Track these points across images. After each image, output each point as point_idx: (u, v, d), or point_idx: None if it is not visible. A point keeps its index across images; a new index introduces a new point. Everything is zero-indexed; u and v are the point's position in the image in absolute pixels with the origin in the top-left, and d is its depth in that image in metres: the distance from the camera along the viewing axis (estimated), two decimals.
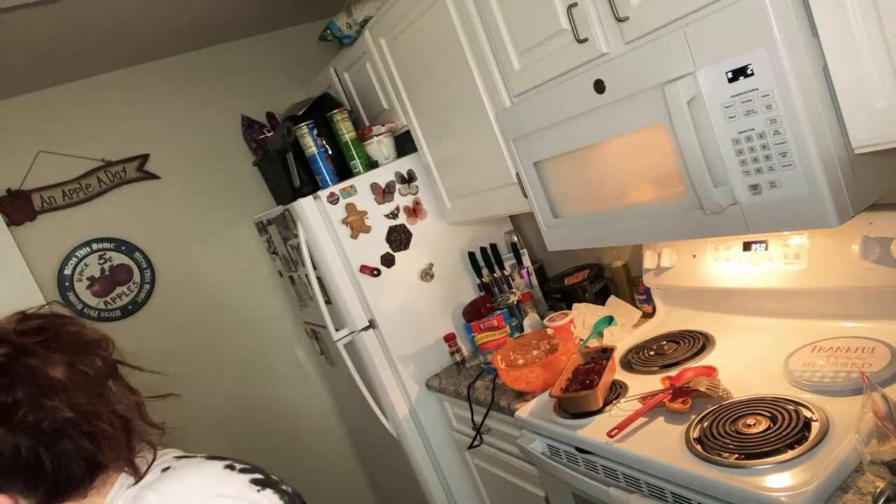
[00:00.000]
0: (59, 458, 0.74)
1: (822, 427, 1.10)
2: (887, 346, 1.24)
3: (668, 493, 1.21)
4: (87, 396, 0.75)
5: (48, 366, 0.74)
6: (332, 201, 2.15)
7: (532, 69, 1.58)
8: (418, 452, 2.30)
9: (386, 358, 2.24)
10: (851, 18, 0.94)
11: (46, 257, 2.52)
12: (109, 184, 2.64)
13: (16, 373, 0.72)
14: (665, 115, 1.18)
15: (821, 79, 1.02)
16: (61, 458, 0.74)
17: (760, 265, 1.51)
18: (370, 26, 2.18)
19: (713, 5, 1.10)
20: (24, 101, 2.52)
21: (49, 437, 0.73)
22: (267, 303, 2.92)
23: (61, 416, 0.73)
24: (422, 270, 2.29)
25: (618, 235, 1.48)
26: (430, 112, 2.10)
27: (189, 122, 2.80)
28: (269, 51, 2.96)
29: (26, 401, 0.72)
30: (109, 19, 2.17)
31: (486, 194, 2.01)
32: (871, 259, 1.28)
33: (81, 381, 0.75)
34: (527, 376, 1.73)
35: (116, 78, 2.68)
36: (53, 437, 0.73)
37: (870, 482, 0.98)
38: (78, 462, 0.75)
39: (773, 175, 1.08)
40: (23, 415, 0.71)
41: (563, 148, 1.49)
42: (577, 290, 2.11)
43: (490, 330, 2.03)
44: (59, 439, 0.73)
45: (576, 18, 1.37)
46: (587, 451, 1.41)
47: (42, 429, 0.72)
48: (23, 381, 0.72)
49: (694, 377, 1.39)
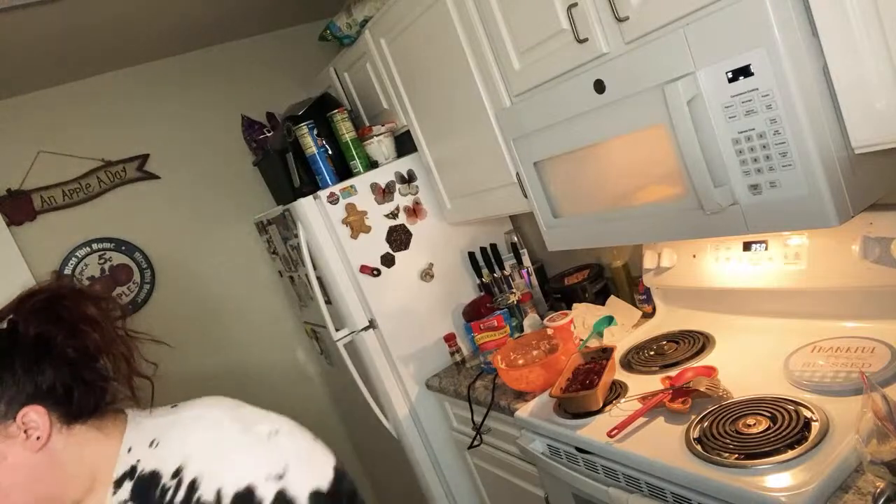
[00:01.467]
0: (84, 382, 0.86)
1: (822, 427, 1.10)
2: (887, 346, 1.24)
3: (668, 493, 1.21)
4: (109, 334, 0.89)
5: (81, 305, 0.88)
6: (332, 201, 2.15)
7: (532, 69, 1.58)
8: (418, 452, 2.30)
9: (386, 358, 2.24)
10: (851, 18, 0.94)
11: (46, 257, 2.52)
12: (109, 184, 2.64)
13: (54, 308, 0.86)
14: (665, 115, 1.18)
15: (821, 79, 1.02)
16: (86, 382, 0.86)
17: (760, 265, 1.51)
18: (370, 26, 2.18)
19: (713, 5, 1.10)
20: (24, 101, 2.52)
21: (78, 363, 0.86)
22: (267, 303, 2.92)
23: (92, 346, 0.87)
24: (422, 270, 2.29)
25: (618, 235, 1.48)
26: (429, 112, 2.10)
27: (189, 122, 2.80)
28: (269, 51, 2.96)
29: (63, 332, 0.85)
30: (109, 19, 2.17)
31: (486, 194, 2.01)
32: (871, 259, 1.28)
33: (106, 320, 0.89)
34: (527, 376, 1.73)
35: (116, 78, 2.68)
36: (82, 364, 0.86)
37: (870, 482, 0.97)
38: (98, 387, 0.88)
39: (773, 175, 1.08)
40: (60, 343, 0.84)
41: (563, 148, 1.49)
42: (577, 290, 2.11)
43: (490, 330, 2.03)
44: (85, 366, 0.87)
45: (576, 18, 1.37)
46: (587, 451, 1.41)
47: (75, 356, 0.85)
48: (61, 316, 0.86)
49: (694, 377, 1.39)
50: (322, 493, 0.84)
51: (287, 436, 0.87)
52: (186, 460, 0.84)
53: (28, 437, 0.80)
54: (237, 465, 0.83)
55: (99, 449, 0.87)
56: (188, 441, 0.87)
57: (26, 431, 0.80)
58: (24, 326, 0.84)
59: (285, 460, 0.84)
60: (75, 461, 0.85)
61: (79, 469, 0.85)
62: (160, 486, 0.84)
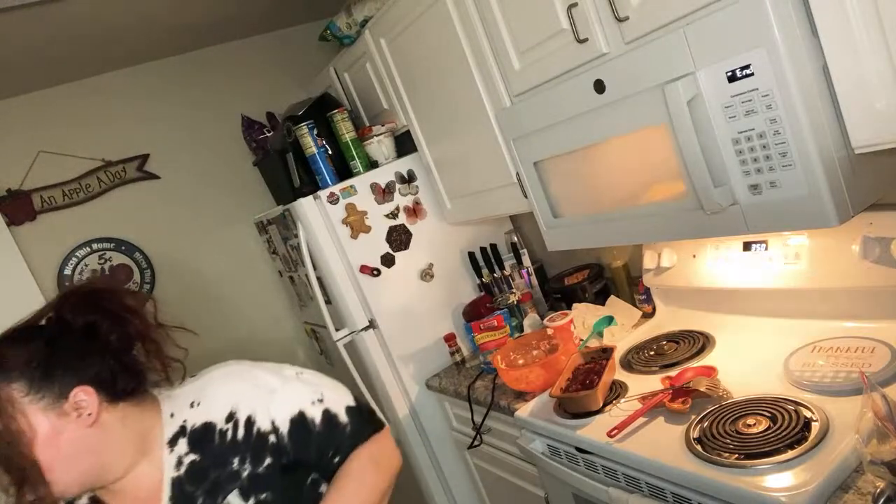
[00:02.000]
0: (124, 366, 0.98)
1: (822, 427, 1.10)
2: (887, 346, 1.24)
3: (668, 493, 1.21)
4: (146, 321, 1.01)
5: (121, 296, 1.01)
6: (332, 201, 2.15)
7: (532, 69, 1.58)
8: (418, 452, 2.30)
9: (386, 358, 2.24)
10: (851, 18, 0.94)
11: (46, 257, 2.52)
12: (109, 184, 2.64)
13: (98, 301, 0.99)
14: (665, 116, 1.18)
15: (821, 79, 1.02)
16: (126, 366, 0.99)
17: (760, 265, 1.51)
18: (370, 26, 2.18)
19: (713, 5, 1.10)
20: (24, 101, 2.52)
21: (120, 350, 0.98)
22: (267, 303, 2.92)
23: (133, 332, 0.99)
24: (422, 270, 2.29)
25: (618, 235, 1.48)
26: (430, 112, 2.10)
27: (189, 122, 2.80)
28: (269, 51, 2.96)
29: (108, 320, 0.97)
30: (109, 19, 2.17)
31: (486, 194, 2.01)
32: (871, 259, 1.27)
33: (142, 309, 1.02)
34: (527, 376, 1.73)
35: (116, 78, 2.68)
36: (122, 350, 0.99)
37: (870, 482, 0.97)
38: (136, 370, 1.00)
39: (773, 175, 1.08)
40: (105, 331, 0.97)
41: (563, 148, 1.49)
42: (577, 290, 2.11)
43: (490, 330, 2.03)
44: (125, 352, 0.99)
45: (576, 18, 1.37)
46: (587, 451, 1.41)
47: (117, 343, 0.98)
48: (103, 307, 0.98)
49: (694, 377, 1.39)
50: (353, 407, 1.11)
51: (309, 373, 1.13)
52: (236, 406, 1.02)
53: (80, 415, 0.92)
54: (283, 399, 1.05)
55: (142, 421, 1.00)
56: (229, 392, 1.04)
57: (78, 410, 0.92)
58: (73, 317, 0.96)
59: (319, 388, 1.10)
60: (122, 434, 0.97)
61: (126, 440, 0.97)
62: (217, 431, 1.01)
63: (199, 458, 1.00)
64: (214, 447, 1.01)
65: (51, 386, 0.91)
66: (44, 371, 0.91)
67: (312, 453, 1.05)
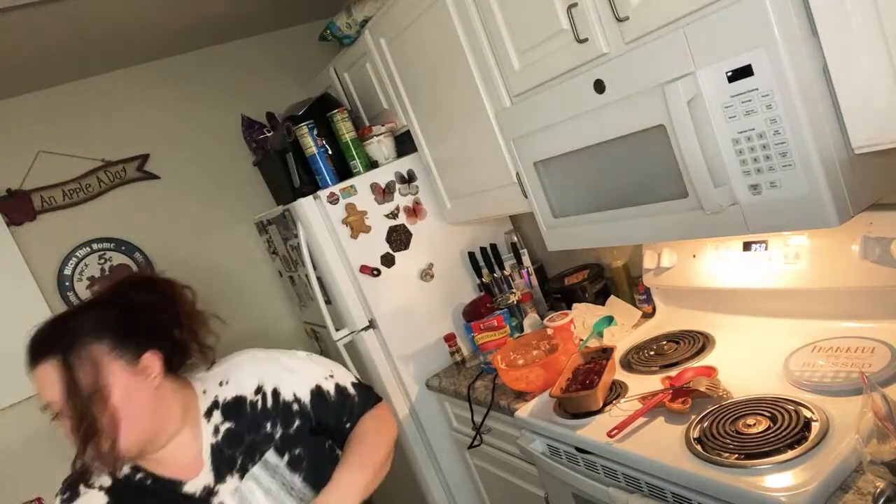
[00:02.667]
0: (175, 343, 1.13)
1: (822, 427, 1.10)
2: (887, 346, 1.24)
3: (668, 493, 1.21)
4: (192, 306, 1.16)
5: (172, 285, 1.16)
6: (332, 201, 2.15)
7: (532, 69, 1.58)
8: (418, 452, 2.30)
9: (386, 358, 2.24)
10: (851, 18, 0.94)
11: (46, 257, 2.52)
12: (109, 184, 2.64)
13: (154, 285, 1.14)
14: (665, 115, 1.18)
15: (821, 79, 1.02)
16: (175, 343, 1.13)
17: (760, 265, 1.51)
18: (370, 26, 2.18)
19: (713, 5, 1.10)
20: (24, 101, 2.52)
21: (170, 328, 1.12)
22: (267, 303, 2.92)
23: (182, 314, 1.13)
24: (422, 270, 2.29)
25: (618, 235, 1.48)
26: (430, 112, 2.10)
27: (189, 122, 2.80)
28: (269, 51, 2.96)
29: (163, 301, 1.12)
30: (109, 19, 2.17)
31: (486, 194, 2.01)
32: (871, 259, 1.27)
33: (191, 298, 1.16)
34: (527, 376, 1.73)
35: (116, 78, 2.68)
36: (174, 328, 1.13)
37: (870, 482, 0.97)
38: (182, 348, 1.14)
39: (773, 175, 1.08)
40: (160, 309, 1.11)
41: (563, 148, 1.49)
42: (577, 290, 2.11)
43: (490, 330, 2.03)
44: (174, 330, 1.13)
45: (576, 18, 1.37)
46: (587, 451, 1.41)
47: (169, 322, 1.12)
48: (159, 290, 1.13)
49: (694, 377, 1.39)
50: (357, 382, 1.31)
51: (317, 356, 1.32)
52: (262, 381, 1.19)
53: (148, 375, 1.05)
54: (302, 374, 1.23)
55: (185, 393, 1.14)
56: (255, 371, 1.20)
57: (147, 371, 1.05)
58: (134, 296, 1.10)
59: (329, 367, 1.29)
60: (174, 402, 1.10)
61: (175, 408, 1.10)
62: (248, 402, 1.17)
63: (234, 426, 1.15)
64: (247, 415, 1.16)
65: (129, 346, 1.04)
66: (124, 333, 1.04)
67: (332, 420, 1.23)
